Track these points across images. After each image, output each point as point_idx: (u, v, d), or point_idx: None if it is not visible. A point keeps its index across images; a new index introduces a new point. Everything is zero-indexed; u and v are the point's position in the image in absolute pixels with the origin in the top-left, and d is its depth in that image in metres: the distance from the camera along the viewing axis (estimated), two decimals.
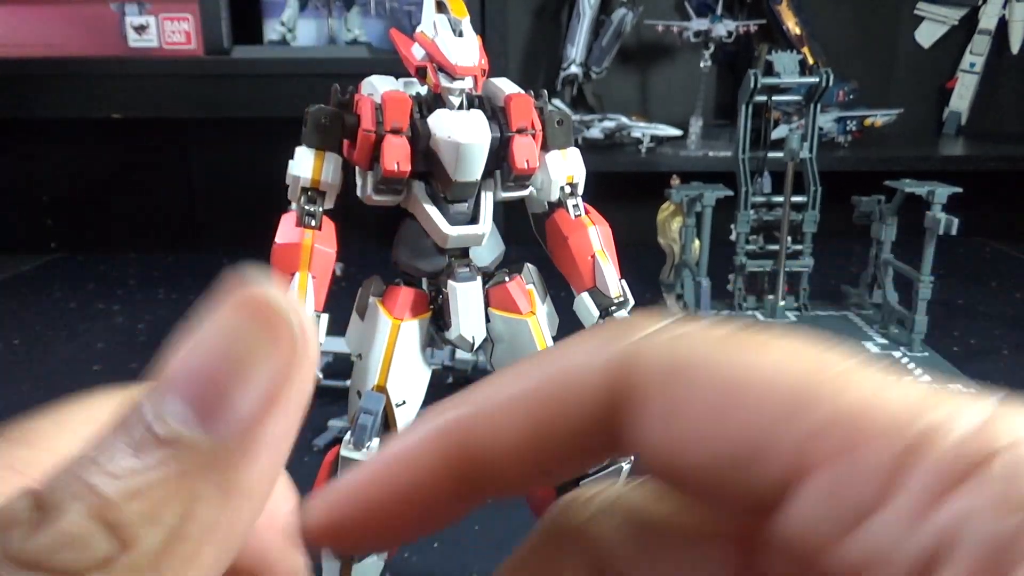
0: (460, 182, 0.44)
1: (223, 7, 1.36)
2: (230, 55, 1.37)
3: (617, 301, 0.47)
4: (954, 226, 0.87)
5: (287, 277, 0.43)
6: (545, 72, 1.55)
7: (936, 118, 1.62)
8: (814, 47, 1.47)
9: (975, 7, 1.55)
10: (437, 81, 0.44)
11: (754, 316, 1.01)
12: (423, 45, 0.44)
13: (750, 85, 0.93)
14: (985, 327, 1.08)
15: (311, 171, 0.45)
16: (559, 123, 0.48)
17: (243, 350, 0.13)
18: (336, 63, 1.34)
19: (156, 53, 1.38)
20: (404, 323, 0.46)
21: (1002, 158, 1.45)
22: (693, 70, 1.47)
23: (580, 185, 0.49)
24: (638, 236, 1.08)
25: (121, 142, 1.53)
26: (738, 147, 0.98)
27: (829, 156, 1.33)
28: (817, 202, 0.97)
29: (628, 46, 1.52)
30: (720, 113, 1.57)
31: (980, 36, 1.56)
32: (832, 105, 1.45)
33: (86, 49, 1.37)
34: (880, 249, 1.00)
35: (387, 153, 0.43)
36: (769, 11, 1.47)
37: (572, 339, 0.16)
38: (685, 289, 1.02)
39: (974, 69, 1.57)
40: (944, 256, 0.96)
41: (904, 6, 1.59)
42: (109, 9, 1.37)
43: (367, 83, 0.47)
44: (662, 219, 1.12)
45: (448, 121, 0.43)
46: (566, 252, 0.48)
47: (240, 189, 1.52)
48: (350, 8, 1.44)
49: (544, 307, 0.49)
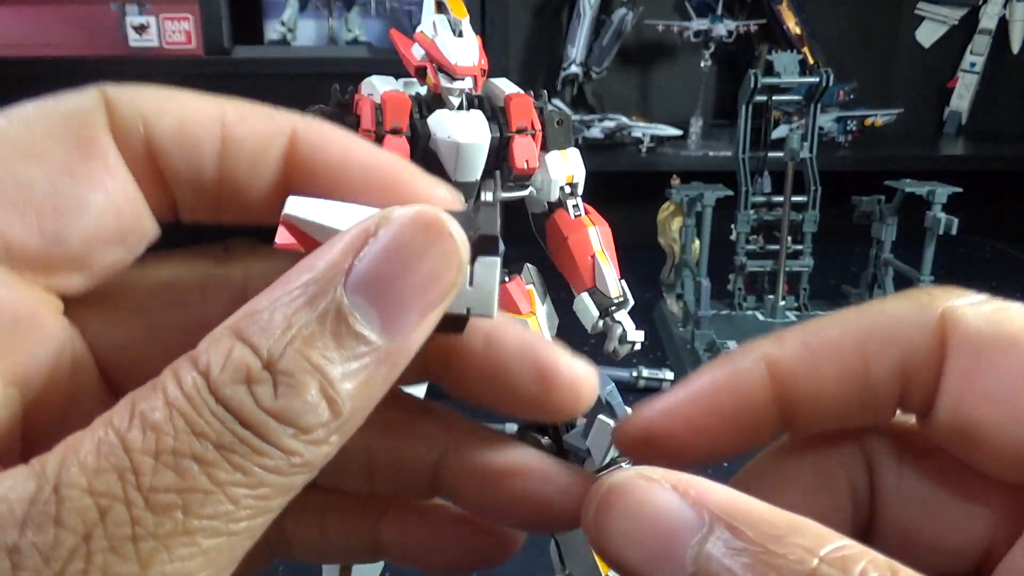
0: (460, 182, 0.44)
1: (223, 7, 1.36)
2: (230, 55, 1.37)
3: (617, 301, 0.47)
4: (954, 226, 0.87)
5: None
6: (545, 72, 1.55)
7: (936, 118, 1.62)
8: (814, 47, 1.47)
9: (975, 7, 1.55)
10: (437, 81, 0.44)
11: (754, 316, 1.01)
12: (423, 45, 0.44)
13: (750, 85, 0.93)
14: None
15: None
16: (559, 123, 0.48)
17: (422, 263, 0.15)
18: (336, 63, 1.34)
19: (156, 53, 1.38)
20: None
21: (1002, 158, 1.45)
22: (693, 70, 1.47)
23: (580, 185, 0.49)
24: (638, 236, 1.08)
25: None
26: (738, 147, 0.98)
27: (829, 156, 1.33)
28: (817, 202, 0.97)
29: (628, 46, 1.52)
30: (720, 113, 1.57)
31: (980, 36, 1.56)
32: (832, 105, 1.45)
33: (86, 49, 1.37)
34: (880, 249, 0.99)
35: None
36: (769, 11, 1.47)
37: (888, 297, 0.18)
38: (685, 289, 1.02)
39: (974, 69, 1.57)
40: (944, 256, 0.96)
41: (904, 6, 1.59)
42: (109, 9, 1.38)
43: (367, 83, 0.47)
44: (662, 219, 1.12)
45: (448, 121, 0.44)
46: (566, 252, 0.48)
47: None
48: (350, 8, 1.44)
49: (544, 307, 0.49)
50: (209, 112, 0.17)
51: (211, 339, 0.15)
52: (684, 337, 0.97)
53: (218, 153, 0.17)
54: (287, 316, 0.14)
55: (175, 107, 0.17)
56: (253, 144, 0.17)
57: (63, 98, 0.17)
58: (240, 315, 0.15)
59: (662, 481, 0.15)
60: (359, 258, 0.15)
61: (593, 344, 0.44)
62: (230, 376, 0.14)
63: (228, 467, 0.14)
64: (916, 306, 0.17)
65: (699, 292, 0.93)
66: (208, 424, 0.14)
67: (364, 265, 0.15)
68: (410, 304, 0.15)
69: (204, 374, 0.14)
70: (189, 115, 0.17)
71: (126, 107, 0.17)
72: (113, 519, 0.13)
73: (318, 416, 0.14)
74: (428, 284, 0.15)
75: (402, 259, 0.15)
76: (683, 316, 1.01)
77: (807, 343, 0.17)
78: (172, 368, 0.14)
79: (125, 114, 0.17)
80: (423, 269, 0.15)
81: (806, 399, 0.17)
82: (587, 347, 0.29)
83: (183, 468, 0.13)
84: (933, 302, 0.17)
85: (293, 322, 0.14)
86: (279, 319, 0.14)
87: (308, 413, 0.14)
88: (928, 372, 0.16)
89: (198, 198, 0.17)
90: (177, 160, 0.17)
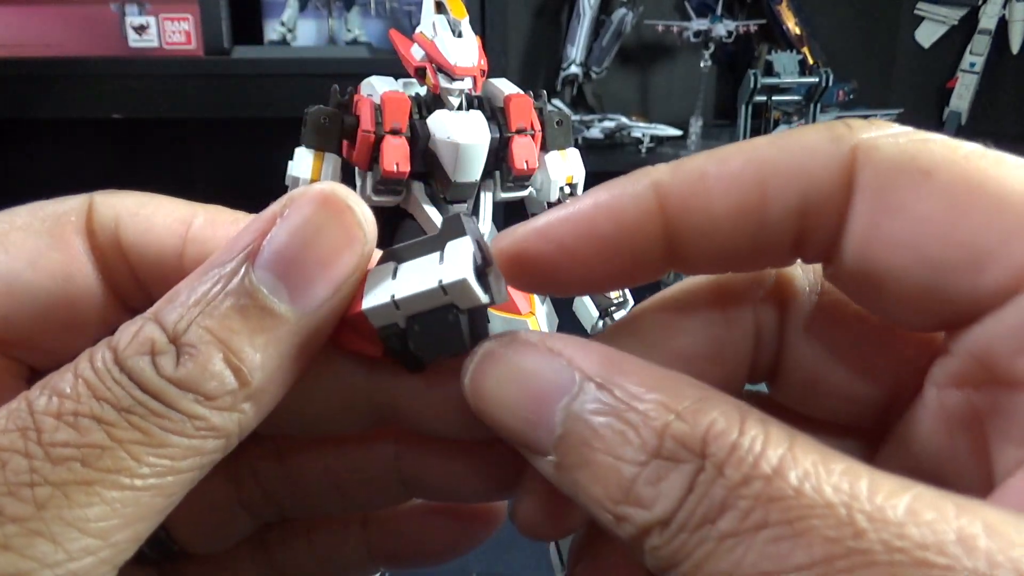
0: (459, 183, 0.44)
1: (223, 7, 1.36)
2: (230, 55, 1.36)
3: (616, 302, 0.47)
4: None
5: None
6: (545, 72, 1.55)
7: (936, 118, 1.62)
8: (814, 47, 1.47)
9: (975, 7, 1.55)
10: (436, 82, 0.44)
11: None
12: (422, 46, 0.44)
13: (750, 85, 0.93)
14: None
15: (310, 172, 0.45)
16: (558, 123, 0.47)
17: (324, 239, 0.16)
18: (336, 63, 1.34)
19: (156, 53, 1.38)
20: None
21: None
22: (693, 70, 1.47)
23: (580, 185, 0.49)
24: None
25: (121, 142, 1.53)
26: None
27: None
28: None
29: (628, 46, 1.51)
30: (720, 113, 1.57)
31: (980, 36, 1.56)
32: (832, 105, 1.45)
33: (86, 49, 1.37)
34: None
35: (386, 154, 0.43)
36: (769, 11, 1.47)
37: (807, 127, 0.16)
38: None
39: (974, 69, 1.57)
40: None
41: (904, 6, 1.59)
42: (109, 9, 1.37)
43: (366, 84, 0.46)
44: None
45: (447, 122, 0.43)
46: None
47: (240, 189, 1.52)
48: (350, 8, 1.44)
49: (543, 307, 0.49)
50: (179, 216, 0.19)
51: (128, 323, 0.16)
52: None
53: (180, 252, 0.19)
54: (199, 296, 0.16)
55: (147, 211, 0.19)
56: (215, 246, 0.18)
57: (57, 200, 0.19)
58: (160, 301, 0.16)
59: (538, 344, 0.15)
60: (268, 239, 0.16)
61: None
62: (135, 349, 0.15)
63: (127, 426, 0.15)
64: (830, 137, 0.15)
65: None
66: (110, 390, 0.15)
67: (272, 244, 0.16)
68: (316, 276, 0.16)
69: (113, 349, 0.15)
70: (158, 218, 0.19)
71: (105, 210, 0.19)
72: (12, 468, 0.14)
73: (223, 384, 0.15)
74: (331, 257, 0.16)
75: (304, 235, 0.16)
76: None
77: (705, 172, 0.16)
78: (89, 349, 0.16)
79: (101, 216, 0.19)
80: (325, 243, 0.16)
81: (693, 234, 0.16)
82: None
83: (83, 426, 0.15)
84: (850, 134, 0.15)
85: (203, 300, 0.16)
86: (190, 299, 0.16)
87: (211, 380, 0.15)
88: (832, 212, 0.15)
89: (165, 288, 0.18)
90: (142, 256, 0.19)
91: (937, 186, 0.14)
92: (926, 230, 0.14)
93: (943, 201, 0.14)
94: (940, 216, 0.14)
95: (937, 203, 0.14)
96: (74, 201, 0.19)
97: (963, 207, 0.14)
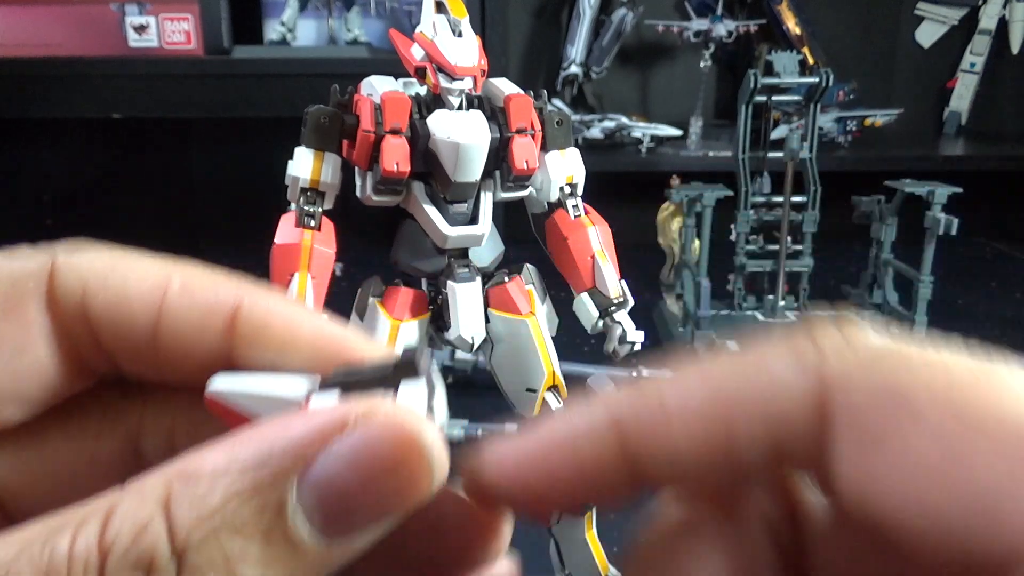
0: (459, 182, 0.44)
1: (223, 7, 1.36)
2: (230, 55, 1.36)
3: (617, 301, 0.47)
4: (954, 226, 0.87)
5: (286, 278, 0.43)
6: (545, 72, 1.55)
7: (936, 118, 1.62)
8: (814, 47, 1.47)
9: (975, 7, 1.55)
10: (436, 81, 0.44)
11: (754, 316, 1.01)
12: (422, 45, 0.44)
13: (750, 85, 0.93)
14: (985, 327, 1.08)
15: (310, 172, 0.45)
16: (558, 123, 0.47)
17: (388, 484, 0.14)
18: (336, 63, 1.34)
19: (156, 53, 1.38)
20: (403, 324, 0.46)
21: (1002, 158, 1.45)
22: (693, 70, 1.47)
23: (580, 185, 0.49)
24: (638, 236, 1.08)
25: (121, 142, 1.53)
26: (738, 147, 0.98)
27: (829, 156, 1.33)
28: (817, 202, 0.97)
29: (628, 46, 1.51)
30: (720, 113, 1.57)
31: (980, 36, 1.56)
32: (832, 105, 1.45)
33: (86, 49, 1.37)
34: (880, 249, 0.99)
35: (386, 153, 0.43)
36: (769, 11, 1.47)
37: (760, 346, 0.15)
38: (685, 289, 1.02)
39: (974, 69, 1.57)
40: (944, 256, 0.96)
41: (904, 6, 1.59)
42: (109, 9, 1.37)
43: (366, 83, 0.46)
44: (662, 219, 1.12)
45: (447, 121, 0.43)
46: (566, 252, 0.47)
47: (240, 189, 1.52)
48: (350, 8, 1.44)
49: (543, 307, 0.49)
50: (153, 282, 0.17)
51: (138, 497, 0.14)
52: (684, 337, 0.97)
53: (153, 326, 0.17)
54: (224, 495, 0.13)
55: (117, 278, 0.17)
56: (192, 317, 0.17)
57: (14, 257, 0.17)
58: (178, 471, 0.14)
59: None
60: (326, 453, 0.14)
61: (593, 344, 0.44)
62: (131, 563, 0.13)
63: None
64: (796, 366, 0.14)
65: (699, 292, 0.93)
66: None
67: (327, 466, 0.14)
68: (361, 516, 0.14)
69: (104, 550, 0.13)
70: (130, 287, 0.17)
71: (69, 275, 0.17)
72: None
73: None
74: (386, 506, 0.14)
75: (369, 473, 0.14)
76: (683, 316, 1.01)
77: (665, 405, 0.15)
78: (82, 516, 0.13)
79: (65, 283, 0.17)
80: (386, 488, 0.14)
81: (659, 467, 0.15)
82: (587, 347, 0.29)
83: None
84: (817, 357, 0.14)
85: (227, 504, 0.13)
86: (213, 497, 0.13)
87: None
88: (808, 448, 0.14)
89: (135, 361, 0.17)
90: (111, 330, 0.17)
91: (928, 428, 0.13)
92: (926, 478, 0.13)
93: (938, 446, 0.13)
94: (937, 463, 0.13)
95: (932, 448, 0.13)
96: (33, 262, 0.17)
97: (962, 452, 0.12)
